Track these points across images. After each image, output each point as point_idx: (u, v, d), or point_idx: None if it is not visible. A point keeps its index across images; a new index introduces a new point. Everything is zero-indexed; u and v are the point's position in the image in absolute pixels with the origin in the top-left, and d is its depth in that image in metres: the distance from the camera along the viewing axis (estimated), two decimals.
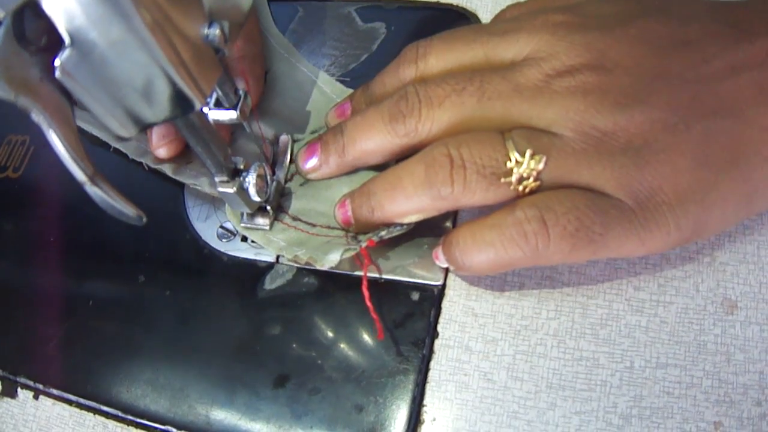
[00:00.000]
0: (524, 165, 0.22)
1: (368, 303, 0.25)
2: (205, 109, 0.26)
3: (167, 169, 0.30)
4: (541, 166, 0.22)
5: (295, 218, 0.28)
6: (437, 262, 0.25)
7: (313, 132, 0.31)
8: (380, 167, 0.27)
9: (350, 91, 0.31)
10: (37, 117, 0.18)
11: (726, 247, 0.26)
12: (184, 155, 0.30)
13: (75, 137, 0.20)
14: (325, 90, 0.32)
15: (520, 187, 0.22)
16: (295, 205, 0.29)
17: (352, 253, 0.25)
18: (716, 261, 0.26)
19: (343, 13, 0.34)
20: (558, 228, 0.21)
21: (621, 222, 0.21)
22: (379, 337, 0.26)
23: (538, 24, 0.23)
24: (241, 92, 0.26)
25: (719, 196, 0.21)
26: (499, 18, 0.27)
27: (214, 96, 0.26)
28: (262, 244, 0.28)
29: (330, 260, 0.25)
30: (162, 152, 0.29)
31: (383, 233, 0.25)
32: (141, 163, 0.30)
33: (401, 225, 0.25)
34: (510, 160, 0.22)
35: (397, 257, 0.27)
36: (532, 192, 0.22)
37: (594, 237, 0.21)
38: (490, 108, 0.23)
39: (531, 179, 0.22)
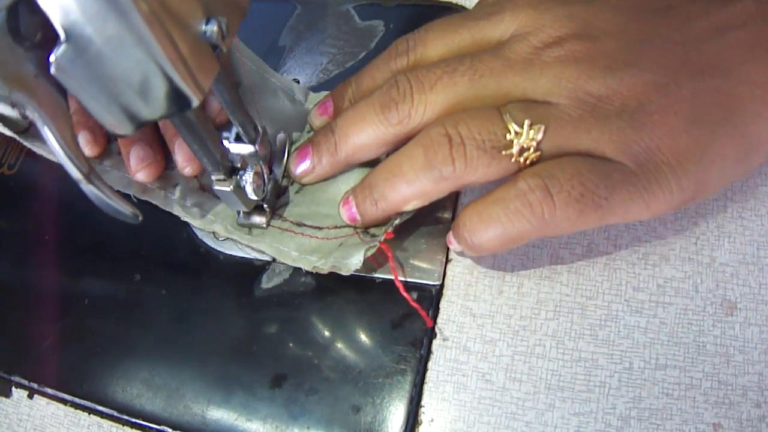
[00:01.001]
0: (524, 135, 0.22)
1: (404, 294, 0.25)
2: (226, 143, 0.26)
3: (157, 201, 0.29)
4: (540, 135, 0.22)
5: (300, 224, 0.28)
6: (451, 247, 0.25)
7: (294, 142, 0.30)
8: (374, 163, 0.27)
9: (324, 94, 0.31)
10: (32, 114, 0.18)
11: (725, 248, 0.26)
12: (167, 178, 0.30)
13: (71, 135, 0.19)
14: (300, 99, 0.31)
15: (522, 159, 0.22)
16: (296, 212, 0.28)
17: (374, 251, 0.25)
18: (716, 262, 0.26)
19: (342, 10, 0.34)
20: (563, 194, 0.21)
21: (624, 185, 0.21)
22: (428, 324, 0.26)
23: (520, 2, 0.24)
24: (260, 128, 0.26)
25: (717, 153, 0.22)
26: (481, 3, 0.27)
27: (234, 131, 0.26)
28: (273, 255, 0.27)
29: (354, 264, 0.25)
30: (141, 176, 0.29)
31: (396, 221, 0.25)
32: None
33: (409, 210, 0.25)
34: (509, 132, 0.22)
35: (397, 254, 0.27)
36: (533, 163, 0.22)
37: (600, 201, 0.21)
38: (483, 85, 0.23)
39: (531, 150, 0.22)
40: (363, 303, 0.27)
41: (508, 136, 0.22)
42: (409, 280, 0.27)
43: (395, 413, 0.25)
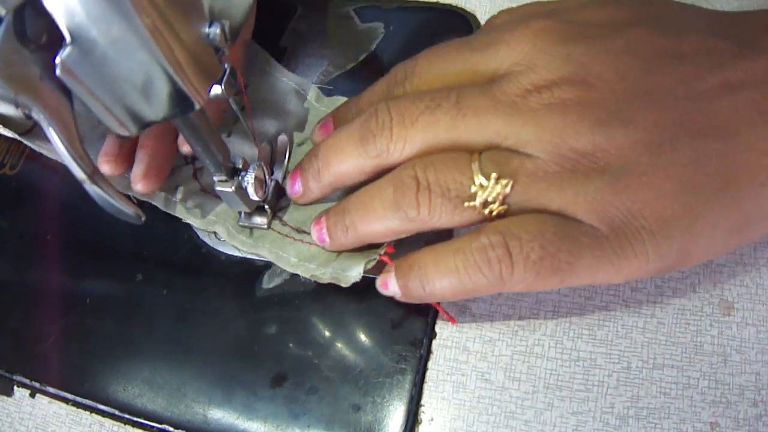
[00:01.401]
0: (488, 189, 0.21)
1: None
2: None
3: (158, 202, 0.29)
4: (507, 190, 0.21)
5: (300, 231, 0.28)
6: (384, 291, 0.24)
7: (299, 144, 0.30)
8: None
9: (337, 99, 0.31)
10: (38, 115, 0.18)
11: None
12: (167, 180, 0.29)
13: (75, 135, 0.19)
14: (311, 100, 0.31)
15: (486, 211, 0.21)
16: (296, 217, 0.28)
17: (373, 263, 0.25)
18: (713, 263, 0.26)
19: (342, 12, 0.34)
20: (521, 256, 0.20)
21: (592, 249, 0.20)
22: (453, 322, 0.26)
23: (518, 34, 0.22)
24: (226, 66, 0.23)
25: (708, 224, 0.20)
26: (487, 25, 0.26)
27: None
28: (273, 260, 0.27)
29: (353, 277, 0.25)
30: (106, 169, 0.27)
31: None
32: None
33: None
34: (474, 184, 0.21)
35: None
36: (500, 215, 0.21)
37: (560, 266, 0.20)
38: (464, 126, 0.22)
39: (497, 203, 0.21)
40: (363, 303, 0.27)
41: (473, 188, 0.21)
42: None
43: (395, 412, 0.25)
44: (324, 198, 0.27)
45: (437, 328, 0.26)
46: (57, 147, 0.19)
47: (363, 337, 0.27)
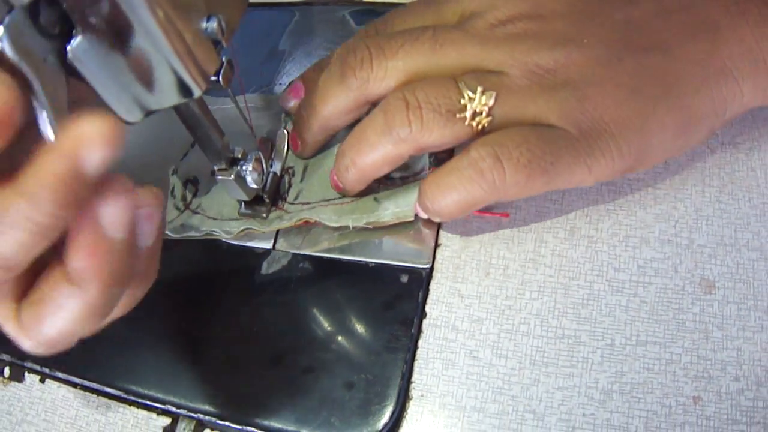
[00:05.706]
0: (476, 101, 0.23)
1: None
2: None
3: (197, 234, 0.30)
4: (491, 101, 0.23)
5: (326, 200, 0.29)
6: (420, 214, 0.26)
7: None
8: None
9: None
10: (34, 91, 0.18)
11: (704, 230, 0.27)
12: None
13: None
14: (254, 107, 0.33)
15: (474, 123, 0.24)
16: (315, 196, 0.30)
17: None
18: (694, 243, 0.27)
19: (338, 16, 0.36)
20: (512, 161, 0.23)
21: (569, 150, 0.23)
22: (506, 216, 0.28)
23: None
24: (223, 59, 0.25)
25: (657, 124, 0.23)
26: None
27: None
28: (317, 219, 0.28)
29: (412, 204, 0.27)
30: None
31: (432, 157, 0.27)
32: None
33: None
34: (463, 98, 0.24)
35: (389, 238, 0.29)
36: (485, 129, 0.24)
37: (546, 166, 0.23)
38: (443, 54, 0.25)
39: (484, 114, 0.24)
40: (356, 286, 0.28)
41: (462, 101, 0.24)
42: (400, 263, 0.28)
43: (388, 389, 0.26)
44: (323, 146, 0.29)
45: (427, 309, 0.27)
46: (46, 134, 0.19)
47: (356, 319, 0.28)
